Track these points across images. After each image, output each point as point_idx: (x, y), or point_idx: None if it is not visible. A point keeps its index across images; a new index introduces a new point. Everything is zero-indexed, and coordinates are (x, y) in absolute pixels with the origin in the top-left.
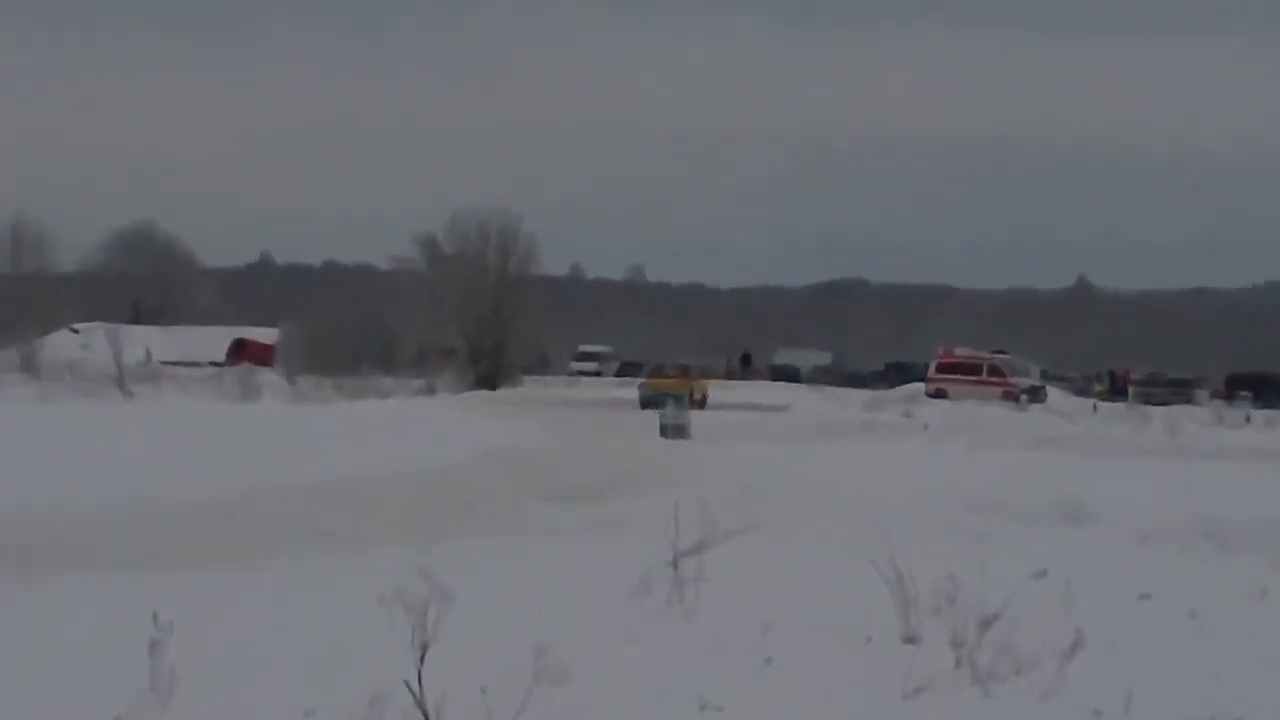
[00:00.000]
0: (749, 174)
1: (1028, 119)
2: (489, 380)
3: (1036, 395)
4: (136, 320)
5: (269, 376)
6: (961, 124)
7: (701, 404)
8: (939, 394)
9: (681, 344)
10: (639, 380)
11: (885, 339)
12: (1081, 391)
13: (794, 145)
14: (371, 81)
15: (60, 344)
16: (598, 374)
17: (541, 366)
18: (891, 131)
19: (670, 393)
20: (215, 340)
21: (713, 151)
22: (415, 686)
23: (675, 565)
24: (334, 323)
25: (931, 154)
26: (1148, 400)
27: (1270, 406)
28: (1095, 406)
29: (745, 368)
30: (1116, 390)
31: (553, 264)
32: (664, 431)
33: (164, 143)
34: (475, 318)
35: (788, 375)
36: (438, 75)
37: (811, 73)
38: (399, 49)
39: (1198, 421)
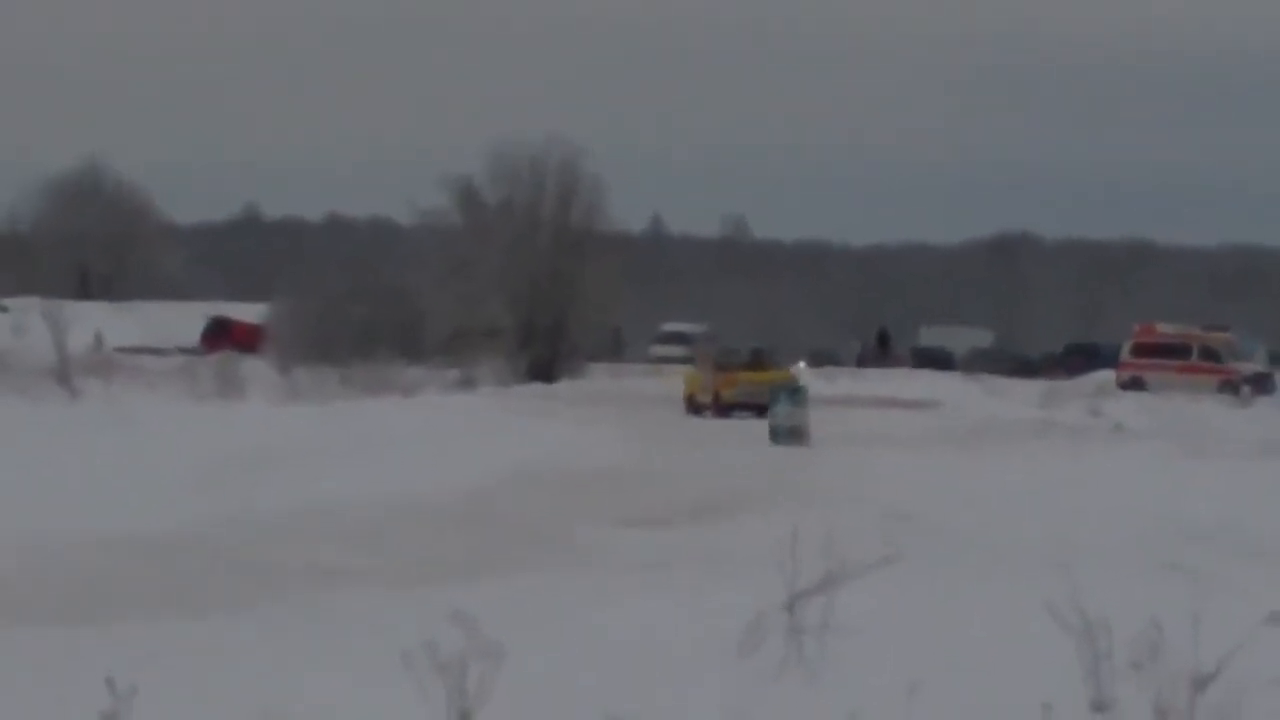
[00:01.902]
0: (881, 99)
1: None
2: (544, 370)
3: (1263, 385)
4: (84, 295)
5: (256, 367)
6: (1163, 33)
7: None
8: (1135, 384)
9: (797, 321)
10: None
11: (1066, 313)
12: None
13: (942, 60)
14: None
15: None
16: (688, 360)
17: (614, 351)
18: (1070, 42)
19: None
20: (186, 320)
21: (834, 70)
22: None
23: (792, 610)
24: (340, 295)
25: (1125, 72)
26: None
27: None
28: None
29: (882, 351)
30: None
31: (628, 216)
32: (775, 436)
33: (114, 59)
34: (526, 287)
35: (937, 361)
36: None
37: None
38: None
39: None
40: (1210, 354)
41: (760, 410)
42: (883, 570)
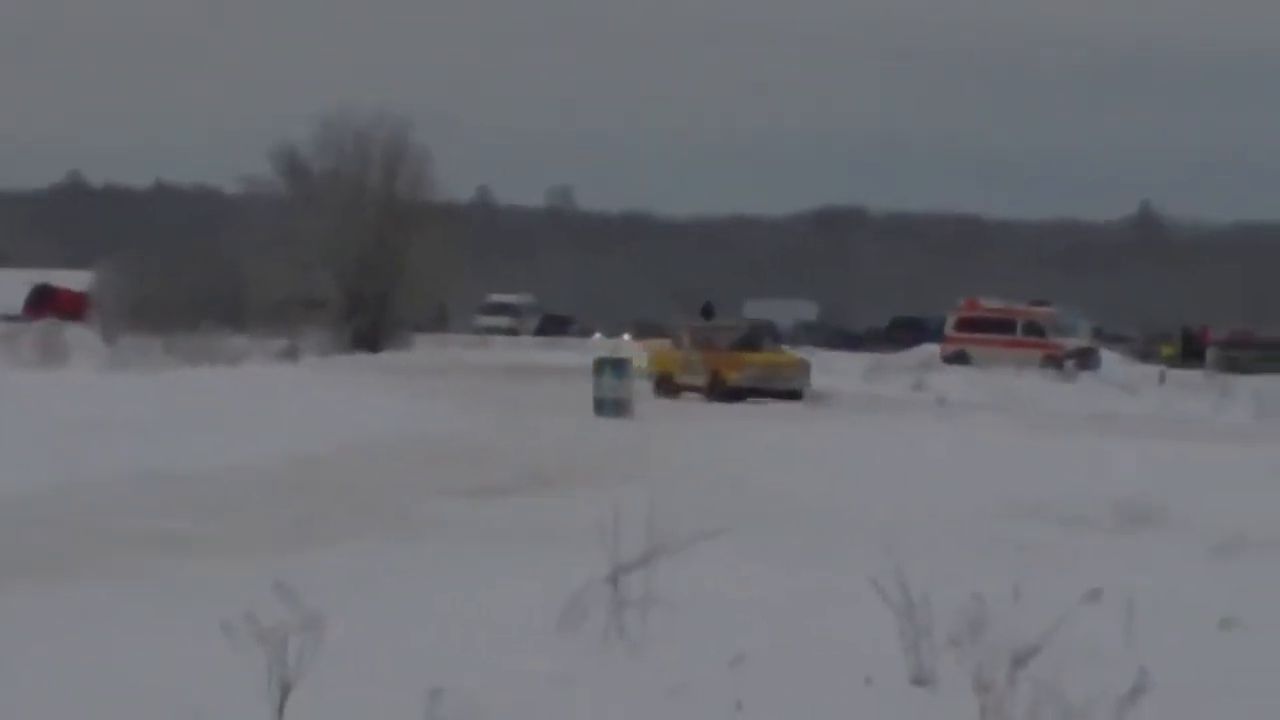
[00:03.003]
0: (706, 70)
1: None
2: (370, 340)
3: (1086, 360)
4: None
5: (81, 335)
6: (994, 10)
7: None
8: (959, 358)
9: (621, 294)
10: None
11: (892, 287)
12: (1145, 355)
13: (770, 32)
14: None
15: None
16: (513, 331)
17: (439, 322)
18: (901, 17)
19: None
20: (9, 287)
21: (661, 46)
22: None
23: (615, 583)
24: (165, 264)
25: (954, 47)
26: (1232, 367)
27: None
28: (1163, 375)
29: (706, 323)
30: (1191, 353)
31: (453, 187)
32: (600, 407)
33: None
34: (352, 257)
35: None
36: None
37: None
38: None
39: None
40: (1034, 329)
41: (778, 395)
42: (707, 542)
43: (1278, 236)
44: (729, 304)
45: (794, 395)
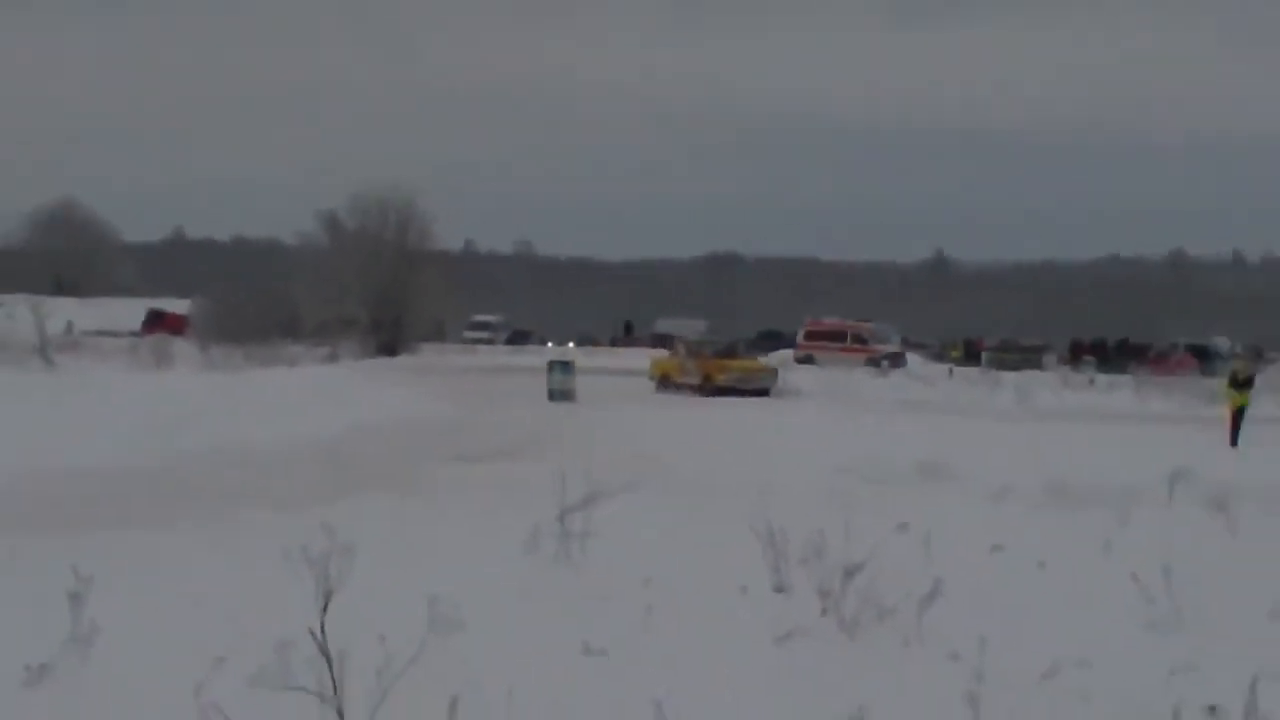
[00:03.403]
0: (632, 151)
1: (885, 103)
2: (389, 348)
3: (897, 361)
4: (58, 293)
5: (183, 346)
6: (826, 106)
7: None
8: (807, 360)
9: (569, 314)
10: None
11: (758, 308)
12: (938, 357)
13: (678, 121)
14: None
15: None
16: (490, 341)
17: (438, 335)
18: (766, 110)
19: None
20: (132, 311)
21: (602, 128)
22: (319, 634)
23: (562, 521)
24: (243, 295)
25: (803, 133)
26: (1000, 365)
27: (1112, 371)
28: (951, 371)
29: (627, 335)
30: (971, 356)
31: (447, 239)
32: (552, 396)
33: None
34: (375, 290)
35: (668, 343)
36: (340, 54)
37: (696, 50)
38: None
39: (1046, 385)
40: (859, 338)
41: (753, 393)
42: (627, 494)
43: (1033, 272)
44: (646, 322)
45: (764, 392)
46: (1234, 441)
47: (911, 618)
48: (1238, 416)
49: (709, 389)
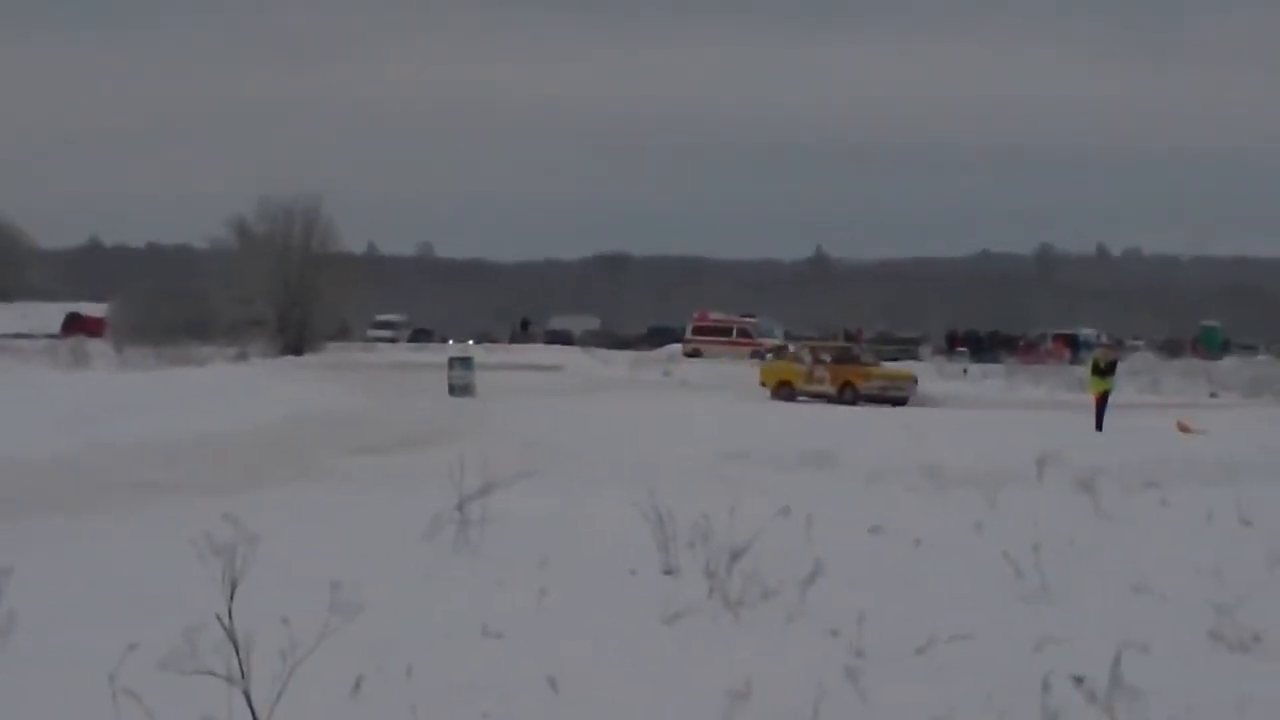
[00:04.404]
0: (524, 156)
1: (768, 110)
2: (295, 347)
3: (781, 353)
4: None
5: (100, 347)
6: (712, 113)
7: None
8: (695, 354)
9: (468, 313)
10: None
11: (648, 304)
12: None
13: (570, 126)
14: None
15: None
16: (392, 340)
17: (342, 334)
18: (655, 115)
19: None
20: (50, 315)
21: (495, 133)
22: (226, 620)
23: (461, 509)
24: (157, 298)
25: (689, 137)
26: (877, 356)
27: (984, 361)
28: None
29: (524, 332)
30: None
31: (351, 242)
32: (452, 390)
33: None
34: (282, 291)
35: (562, 339)
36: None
37: (586, 56)
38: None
39: (922, 375)
40: (744, 333)
41: (893, 402)
42: (524, 481)
43: (909, 268)
44: (541, 319)
45: (903, 401)
46: (1099, 425)
47: (794, 596)
48: (1102, 401)
49: (848, 398)
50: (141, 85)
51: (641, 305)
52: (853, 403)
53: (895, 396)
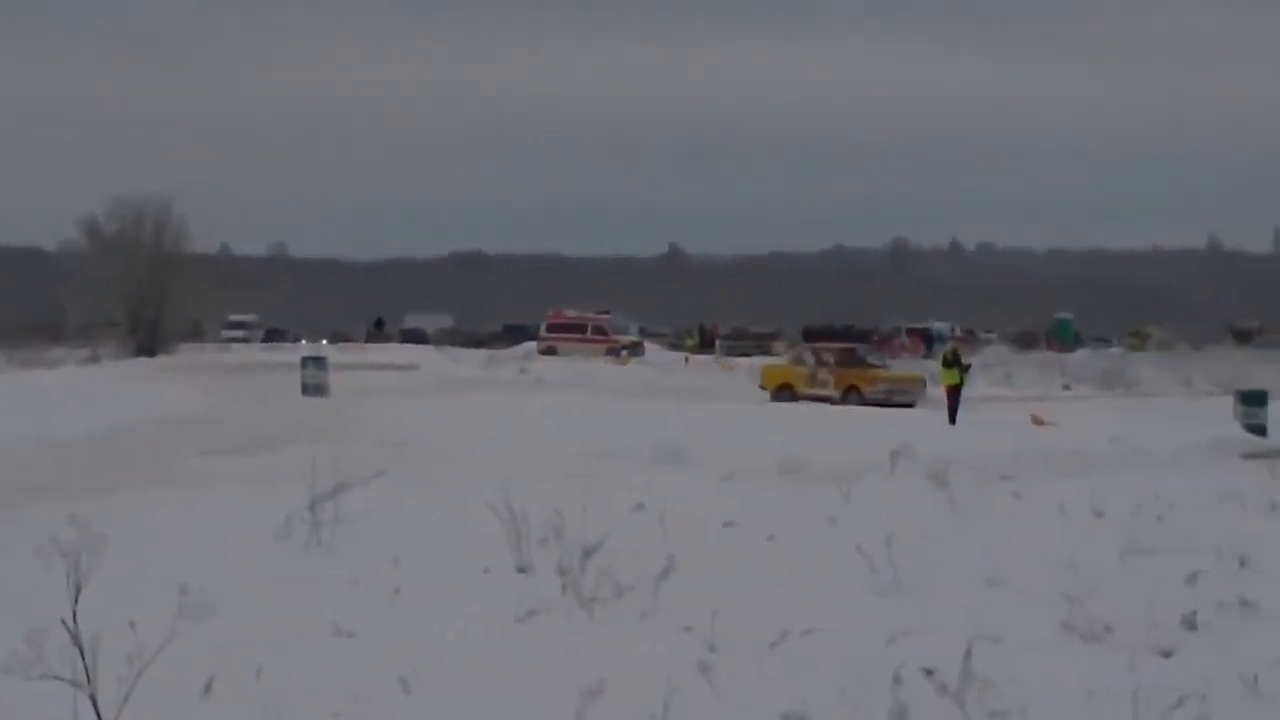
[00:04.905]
0: (378, 155)
1: (626, 108)
2: (148, 348)
3: (635, 350)
4: None
5: None
6: (569, 110)
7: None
8: (550, 351)
9: (322, 313)
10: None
11: (503, 302)
12: (675, 346)
13: (425, 124)
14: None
15: None
16: (246, 340)
17: (195, 335)
18: (510, 112)
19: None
20: None
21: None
22: (70, 624)
23: (313, 509)
24: (4, 300)
25: (545, 136)
26: (732, 352)
27: None
28: (687, 359)
29: (378, 331)
30: (706, 344)
31: (203, 242)
32: (305, 390)
33: None
34: (133, 292)
35: (416, 338)
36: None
37: (438, 55)
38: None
39: None
40: (600, 330)
41: (901, 405)
42: (378, 481)
43: (763, 263)
44: (394, 319)
45: (911, 405)
46: (952, 419)
47: (648, 593)
48: (953, 394)
49: (852, 402)
50: None
51: (497, 303)
52: (860, 404)
53: (903, 400)
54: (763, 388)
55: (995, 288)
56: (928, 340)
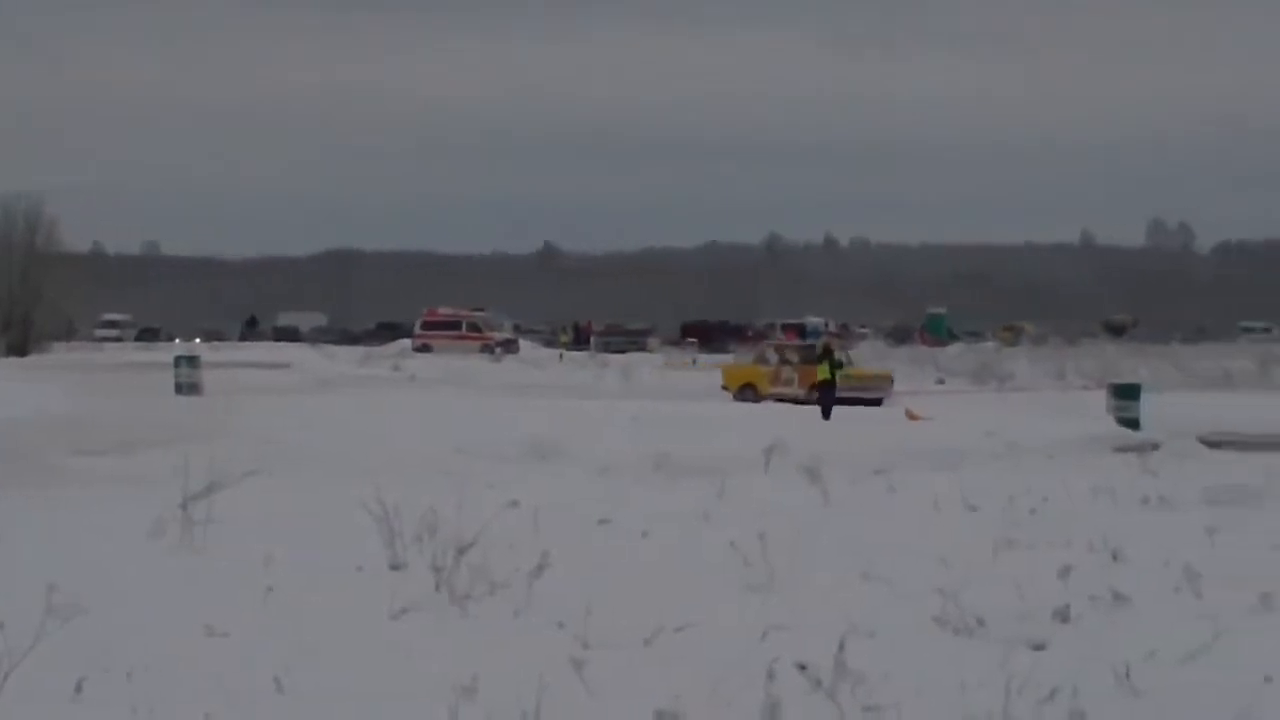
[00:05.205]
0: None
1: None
2: (19, 348)
3: (510, 347)
4: None
5: None
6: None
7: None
8: (425, 348)
9: (195, 311)
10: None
11: (378, 300)
12: (550, 343)
13: (299, 123)
14: None
15: None
16: (119, 339)
17: (68, 334)
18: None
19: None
20: None
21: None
22: None
23: (186, 508)
24: None
25: (416, 132)
26: (607, 349)
27: (714, 351)
28: (561, 356)
29: (252, 330)
30: (581, 341)
31: (75, 241)
32: (179, 389)
33: None
34: (4, 291)
35: (289, 336)
36: None
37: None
38: None
39: (650, 366)
40: (474, 327)
41: (868, 403)
42: (252, 480)
43: (638, 260)
44: (267, 317)
45: (878, 402)
46: (826, 414)
47: (522, 590)
48: (825, 390)
49: (816, 400)
50: None
51: (372, 301)
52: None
53: (870, 397)
54: (725, 387)
55: (869, 283)
56: (803, 336)
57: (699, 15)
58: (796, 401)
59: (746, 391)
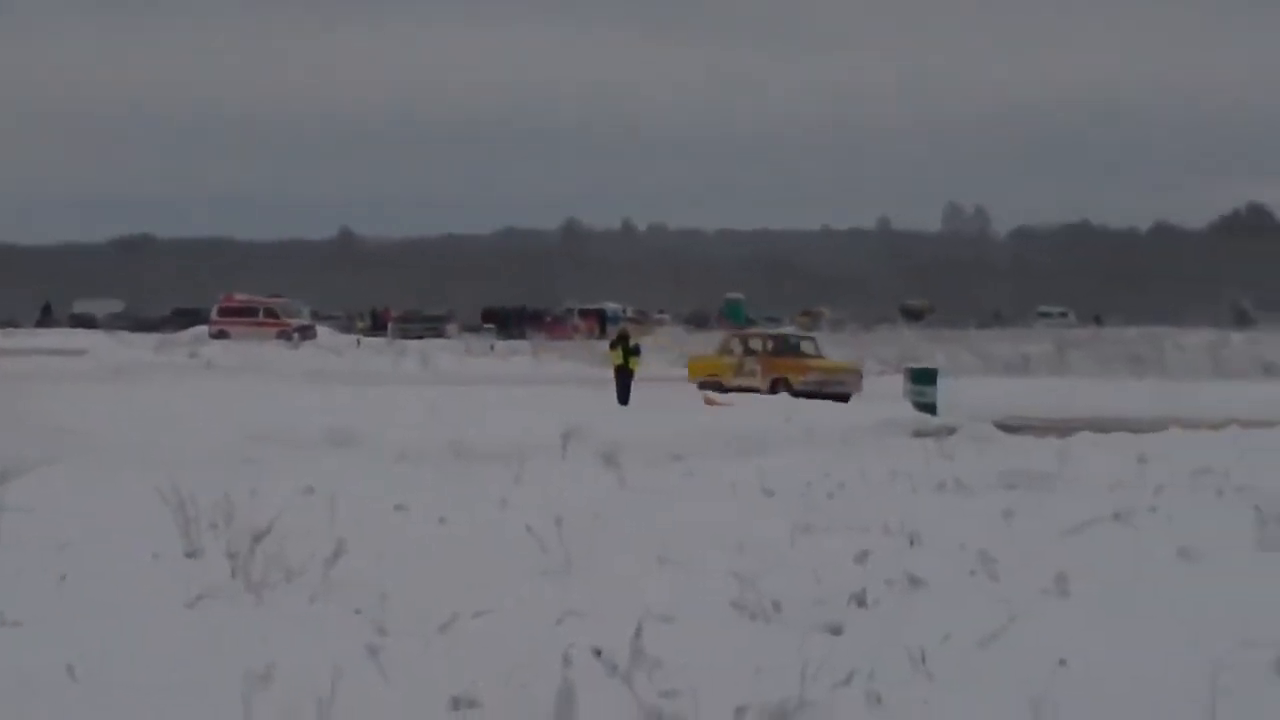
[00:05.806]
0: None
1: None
2: None
3: (308, 333)
4: None
5: None
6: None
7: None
8: (221, 335)
9: None
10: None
11: (175, 286)
12: (347, 329)
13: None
14: None
15: None
16: None
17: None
18: (174, 98)
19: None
20: None
21: (14, 117)
22: None
23: None
24: None
25: (208, 119)
26: (405, 335)
27: (512, 337)
28: (359, 342)
29: (47, 317)
30: (378, 327)
31: None
32: None
33: None
34: None
35: (86, 323)
36: None
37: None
38: None
39: (449, 352)
40: (271, 313)
41: (834, 397)
42: (44, 468)
43: (435, 245)
44: (63, 303)
45: (845, 397)
46: (623, 400)
47: (317, 576)
48: (622, 375)
49: (783, 393)
50: None
51: (168, 288)
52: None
53: (836, 391)
54: (690, 380)
55: (668, 268)
56: (602, 321)
57: (490, 1)
58: (758, 393)
59: (709, 384)
